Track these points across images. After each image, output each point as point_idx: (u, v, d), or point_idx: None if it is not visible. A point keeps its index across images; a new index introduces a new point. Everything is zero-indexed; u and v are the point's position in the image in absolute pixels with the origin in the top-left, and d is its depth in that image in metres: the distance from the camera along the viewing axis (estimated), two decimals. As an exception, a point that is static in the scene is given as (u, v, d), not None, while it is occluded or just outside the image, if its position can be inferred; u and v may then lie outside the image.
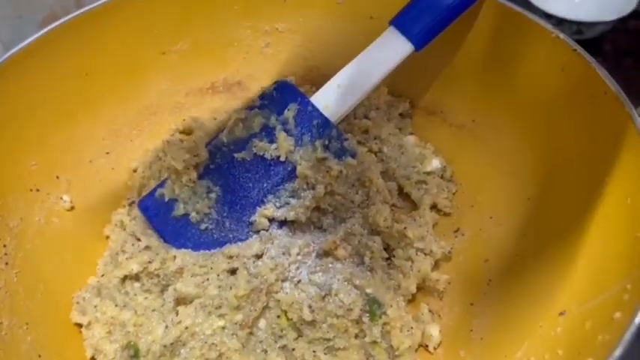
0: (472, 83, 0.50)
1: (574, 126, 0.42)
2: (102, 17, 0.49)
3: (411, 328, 0.40)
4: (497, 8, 0.46)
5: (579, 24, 0.69)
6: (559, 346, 0.34)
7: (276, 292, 0.41)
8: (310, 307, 0.40)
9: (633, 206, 0.35)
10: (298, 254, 0.42)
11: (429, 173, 0.50)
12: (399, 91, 0.55)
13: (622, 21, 0.69)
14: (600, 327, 0.31)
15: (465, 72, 0.50)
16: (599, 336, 0.31)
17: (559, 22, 0.68)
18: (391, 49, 0.46)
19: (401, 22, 0.46)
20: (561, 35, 0.43)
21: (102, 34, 0.50)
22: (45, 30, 0.46)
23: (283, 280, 0.41)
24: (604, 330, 0.31)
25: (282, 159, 0.46)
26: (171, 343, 0.39)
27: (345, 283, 0.41)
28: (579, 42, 0.42)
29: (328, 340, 0.40)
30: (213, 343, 0.39)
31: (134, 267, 0.43)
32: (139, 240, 0.45)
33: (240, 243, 0.45)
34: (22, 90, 0.46)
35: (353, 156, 0.47)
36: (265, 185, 0.46)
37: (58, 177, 0.48)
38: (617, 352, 0.28)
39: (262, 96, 0.49)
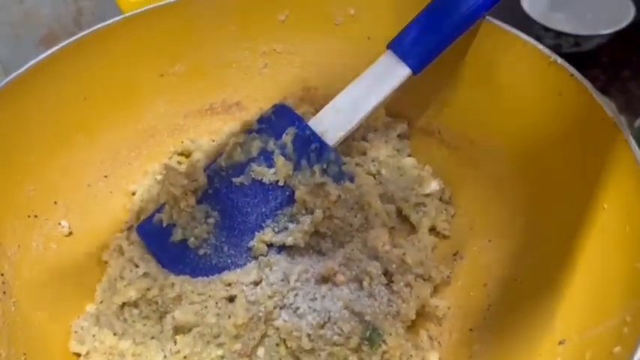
0: (469, 105, 0.50)
1: (571, 151, 0.42)
2: (100, 41, 0.49)
3: (411, 356, 0.40)
4: (494, 31, 0.46)
5: (577, 37, 0.69)
6: (559, 377, 0.34)
7: (275, 320, 0.41)
8: (309, 335, 0.39)
9: (632, 235, 0.35)
10: (297, 281, 0.42)
11: (427, 195, 0.50)
12: (397, 113, 0.55)
13: (619, 33, 0.69)
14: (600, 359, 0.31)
15: (461, 94, 0.50)
16: (599, 368, 0.31)
17: (557, 35, 0.69)
18: (389, 74, 0.46)
19: (398, 46, 0.46)
20: (559, 60, 0.43)
21: (100, 57, 0.50)
22: (43, 55, 0.46)
23: (282, 308, 0.41)
24: (604, 363, 0.31)
25: (281, 184, 0.46)
26: (170, 373, 0.39)
27: (345, 310, 0.41)
28: (577, 54, 0.42)
29: (327, 368, 0.40)
30: (212, 373, 0.39)
31: (132, 294, 0.43)
32: (137, 266, 0.45)
33: (238, 269, 0.45)
34: (20, 115, 0.46)
35: (351, 180, 0.47)
36: (264, 210, 0.46)
37: (56, 202, 0.48)
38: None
39: (260, 120, 0.49)
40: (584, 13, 0.75)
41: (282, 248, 0.46)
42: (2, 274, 0.41)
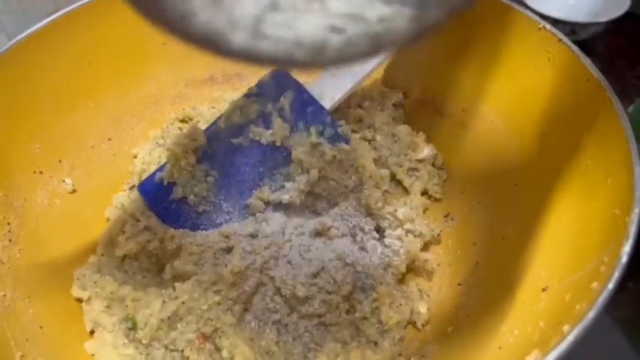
0: (461, 74, 0.51)
1: (559, 113, 0.44)
2: (104, 7, 0.51)
3: (400, 304, 0.42)
4: (486, 1, 0.48)
5: (573, 25, 0.70)
6: (541, 319, 0.36)
7: (270, 270, 0.42)
8: (303, 284, 0.41)
9: (613, 186, 0.37)
10: (292, 234, 0.44)
11: (420, 161, 0.51)
12: (393, 83, 0.56)
13: (615, 22, 0.70)
14: (578, 297, 0.33)
15: (454, 63, 0.51)
16: (576, 305, 0.32)
17: (554, 22, 0.70)
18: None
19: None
20: (547, 26, 0.44)
21: (104, 24, 0.51)
22: (48, 19, 0.48)
23: (277, 258, 0.43)
24: (581, 299, 0.32)
25: (278, 144, 0.48)
26: (168, 317, 0.40)
27: (337, 260, 0.42)
28: (573, 42, 0.44)
29: (320, 315, 0.41)
30: (209, 318, 0.41)
31: (133, 246, 0.45)
32: (138, 221, 0.46)
33: (236, 224, 0.46)
34: (27, 77, 0.47)
35: (346, 142, 0.48)
36: (261, 169, 0.48)
37: (60, 161, 0.49)
38: (591, 314, 0.29)
39: (259, 84, 0.51)
40: (580, 2, 0.77)
41: (278, 206, 0.47)
42: (9, 224, 0.43)
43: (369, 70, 0.48)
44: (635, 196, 0.33)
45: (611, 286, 0.30)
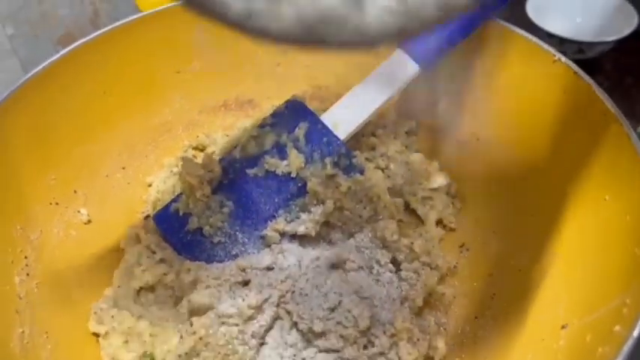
0: (475, 103, 0.51)
1: (575, 146, 0.44)
2: (119, 38, 0.51)
3: (418, 340, 0.42)
4: (501, 31, 0.48)
5: (580, 44, 0.70)
6: (561, 358, 0.36)
7: (287, 304, 0.42)
8: (320, 318, 0.41)
9: (632, 223, 0.37)
10: (308, 267, 0.44)
11: (434, 190, 0.51)
12: (406, 111, 0.56)
13: (622, 41, 0.71)
14: (600, 339, 0.33)
15: (468, 92, 0.51)
16: (599, 348, 0.32)
17: (561, 41, 0.70)
18: (398, 71, 0.48)
19: (407, 45, 0.48)
20: (563, 58, 0.45)
21: (119, 54, 0.52)
22: (65, 50, 0.48)
23: (294, 292, 0.43)
24: (604, 342, 0.32)
25: (293, 175, 0.48)
26: (186, 353, 0.40)
27: (354, 295, 0.42)
28: (580, 61, 0.44)
29: (337, 351, 0.41)
30: (226, 353, 0.41)
31: (149, 279, 0.45)
32: (154, 253, 0.47)
33: (252, 256, 0.46)
34: (42, 108, 0.48)
35: (361, 172, 0.48)
36: (276, 200, 0.48)
37: (75, 191, 0.50)
38: (617, 361, 0.29)
39: (274, 114, 0.51)
40: (588, 21, 0.77)
41: (294, 237, 0.47)
42: (26, 257, 0.43)
43: (383, 101, 0.48)
44: (656, 238, 0.33)
45: (636, 333, 0.30)
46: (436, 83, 0.53)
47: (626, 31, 0.71)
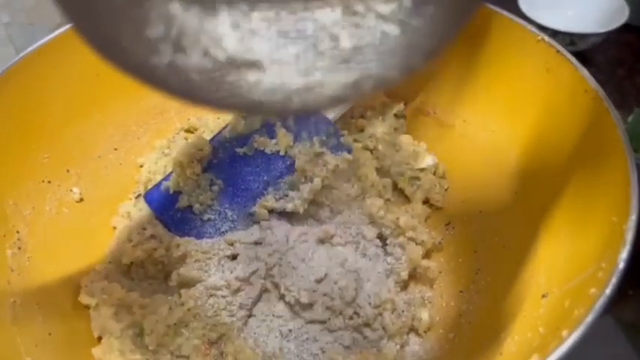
0: (462, 85, 0.52)
1: (557, 124, 0.45)
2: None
3: (403, 311, 0.43)
4: (486, 13, 0.49)
5: (572, 35, 0.71)
6: (541, 325, 0.36)
7: (274, 276, 0.43)
8: (306, 290, 0.42)
9: (610, 194, 0.37)
10: (295, 241, 0.44)
11: (422, 170, 0.52)
12: (394, 93, 0.57)
13: (614, 33, 0.71)
14: (577, 303, 0.34)
15: (455, 74, 0.52)
16: (575, 310, 0.33)
17: (553, 33, 0.71)
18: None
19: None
20: (546, 38, 0.45)
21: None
22: (55, 33, 0.49)
23: (281, 265, 0.43)
24: (580, 305, 0.33)
25: (282, 153, 0.49)
26: (175, 324, 0.41)
27: (340, 268, 0.43)
28: (572, 53, 0.45)
29: (324, 321, 0.42)
30: (214, 324, 0.41)
31: (140, 254, 0.46)
32: (144, 229, 0.47)
33: (240, 232, 0.47)
34: (36, 88, 0.48)
35: (349, 151, 0.49)
36: (265, 178, 0.49)
37: (68, 170, 0.50)
38: (589, 319, 0.30)
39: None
40: (579, 13, 0.78)
41: (282, 214, 0.48)
42: (18, 232, 0.44)
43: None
44: (631, 203, 0.34)
45: (608, 291, 0.31)
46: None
47: (618, 22, 0.71)
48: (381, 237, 0.47)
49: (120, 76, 0.53)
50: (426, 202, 0.52)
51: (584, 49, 0.73)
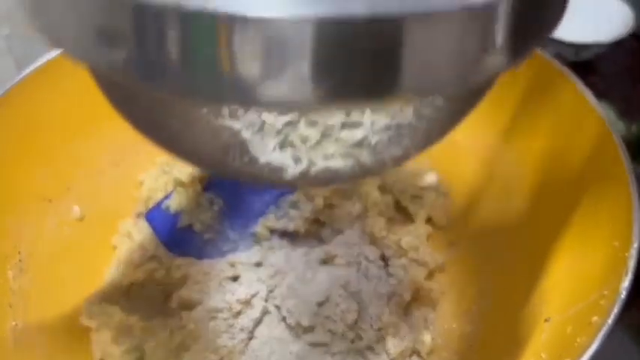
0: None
1: (562, 145, 0.44)
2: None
3: (405, 335, 0.42)
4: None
5: (577, 45, 0.71)
6: (543, 350, 0.36)
7: (275, 298, 0.43)
8: (308, 312, 0.42)
9: (613, 219, 0.37)
10: (297, 262, 0.44)
11: (424, 188, 0.52)
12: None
13: (618, 43, 0.71)
14: (579, 331, 0.33)
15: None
16: (577, 338, 0.33)
17: (558, 44, 0.71)
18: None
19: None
20: (548, 55, 0.45)
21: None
22: (56, 51, 0.49)
23: (282, 287, 0.43)
24: (582, 333, 0.33)
25: (283, 173, 0.48)
26: (176, 347, 0.41)
27: (342, 290, 0.43)
28: (576, 63, 0.44)
29: (325, 344, 0.42)
30: (215, 347, 0.41)
31: (140, 275, 0.45)
32: (145, 250, 0.47)
33: (242, 252, 0.47)
34: (36, 107, 0.48)
35: (350, 170, 0.49)
36: (266, 197, 0.49)
37: (68, 188, 0.50)
38: (592, 349, 0.30)
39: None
40: (584, 22, 0.77)
41: (284, 234, 0.48)
42: (19, 252, 0.44)
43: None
44: (633, 231, 0.34)
45: (610, 321, 0.31)
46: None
47: (622, 33, 0.71)
48: (383, 257, 0.47)
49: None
50: (428, 221, 0.51)
51: (588, 59, 0.72)
